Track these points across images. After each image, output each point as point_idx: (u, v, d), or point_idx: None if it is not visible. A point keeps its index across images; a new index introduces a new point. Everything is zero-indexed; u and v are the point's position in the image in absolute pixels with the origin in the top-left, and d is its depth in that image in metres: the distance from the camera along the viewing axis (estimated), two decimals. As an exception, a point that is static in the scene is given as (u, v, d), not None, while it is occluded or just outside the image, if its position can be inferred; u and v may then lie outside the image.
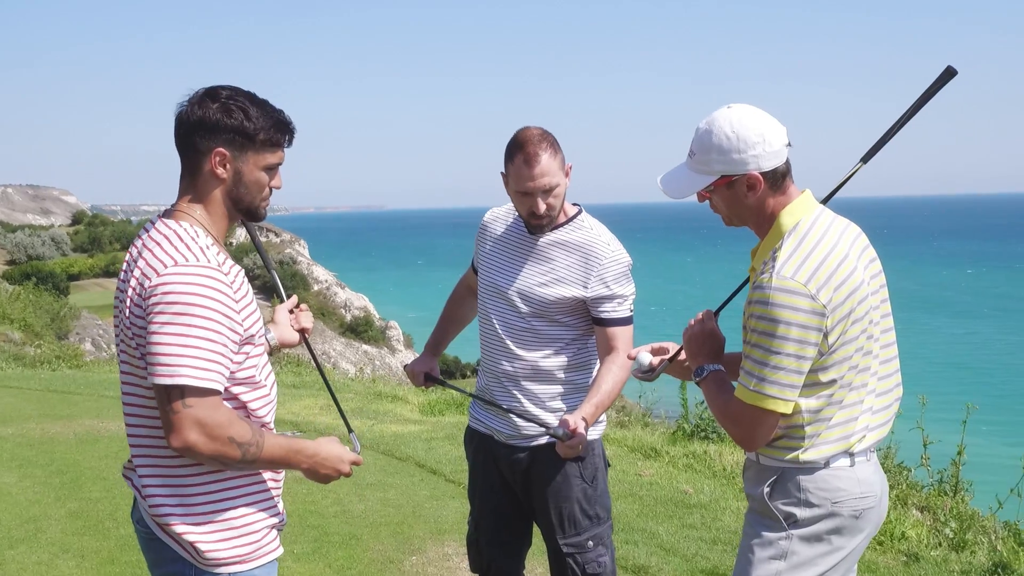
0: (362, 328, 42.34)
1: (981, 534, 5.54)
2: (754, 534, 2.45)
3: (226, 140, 2.18)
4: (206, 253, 2.12)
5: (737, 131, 2.28)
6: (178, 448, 2.06)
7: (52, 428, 8.10)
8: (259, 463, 2.16)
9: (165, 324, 2.03)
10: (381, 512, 5.82)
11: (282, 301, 2.81)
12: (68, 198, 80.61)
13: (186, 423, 2.03)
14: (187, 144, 2.20)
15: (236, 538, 2.21)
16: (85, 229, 59.63)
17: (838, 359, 2.28)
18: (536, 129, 3.09)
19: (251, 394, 2.23)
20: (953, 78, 2.54)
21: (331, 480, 2.32)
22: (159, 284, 2.05)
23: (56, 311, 25.30)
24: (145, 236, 2.19)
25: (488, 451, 3.33)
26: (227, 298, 2.09)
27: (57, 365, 13.71)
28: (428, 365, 3.51)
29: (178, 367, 2.02)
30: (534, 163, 3.02)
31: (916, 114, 2.57)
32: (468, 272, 3.61)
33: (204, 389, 2.04)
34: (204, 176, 2.21)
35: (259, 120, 2.19)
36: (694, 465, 7.09)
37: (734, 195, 2.36)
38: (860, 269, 2.31)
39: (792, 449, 2.36)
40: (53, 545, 5.14)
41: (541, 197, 3.06)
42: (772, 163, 2.31)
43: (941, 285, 64.39)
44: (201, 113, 2.16)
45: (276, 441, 2.18)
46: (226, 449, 2.08)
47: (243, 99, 2.20)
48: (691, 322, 2.59)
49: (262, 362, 2.27)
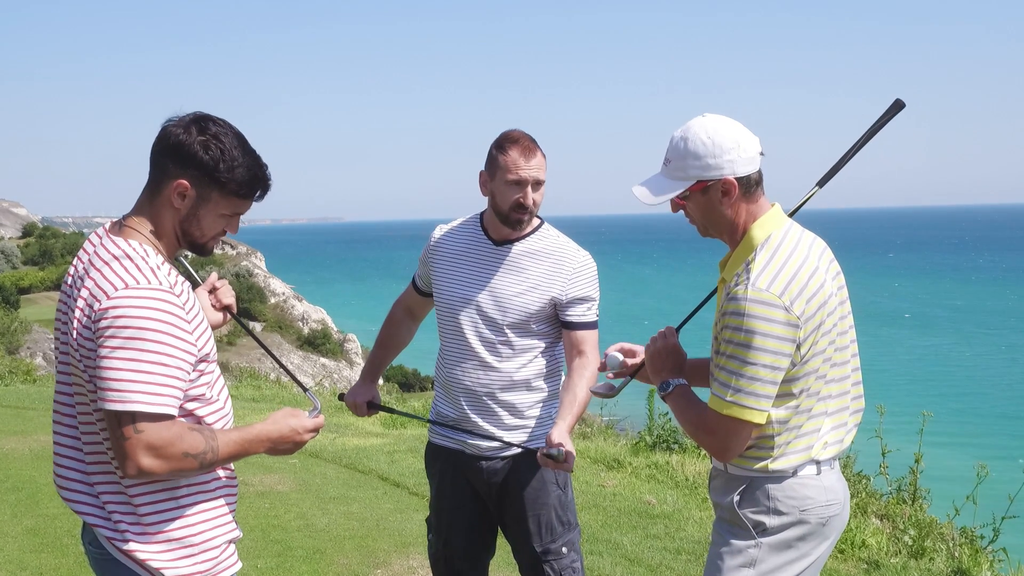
0: (320, 341, 42.03)
1: (939, 541, 5.64)
2: (723, 542, 2.48)
3: (193, 175, 2.13)
4: (157, 274, 2.07)
5: (713, 137, 2.33)
6: (132, 475, 2.03)
7: (6, 444, 7.95)
8: (217, 464, 2.14)
9: (116, 349, 1.99)
10: (345, 526, 5.78)
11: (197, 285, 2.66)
12: (18, 210, 79.22)
13: (138, 449, 2.00)
14: (158, 163, 2.16)
15: (195, 555, 2.18)
16: (36, 242, 58.68)
17: (808, 370, 2.33)
18: (524, 132, 3.18)
19: (205, 409, 2.20)
20: (901, 111, 2.68)
21: (295, 452, 2.32)
22: (110, 307, 2.00)
23: (7, 325, 24.85)
24: (92, 252, 2.13)
25: (456, 465, 3.31)
26: (180, 320, 2.05)
27: (10, 380, 13.45)
28: (369, 393, 3.47)
29: (130, 392, 1.98)
30: (531, 155, 3.11)
31: (867, 143, 2.68)
32: (407, 292, 3.56)
33: (156, 415, 2.01)
34: (162, 200, 2.16)
35: (235, 168, 2.14)
36: (657, 476, 7.14)
37: (709, 201, 2.40)
38: (829, 281, 2.37)
39: (761, 459, 2.40)
40: (11, 563, 5.05)
41: (531, 188, 3.12)
42: (746, 169, 2.36)
43: (894, 296, 65.37)
44: (182, 139, 2.12)
45: (229, 437, 2.15)
46: (182, 464, 2.06)
47: (228, 140, 2.14)
48: (653, 338, 2.63)
49: (214, 378, 2.24)
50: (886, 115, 2.69)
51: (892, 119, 2.69)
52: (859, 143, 2.67)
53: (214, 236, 2.23)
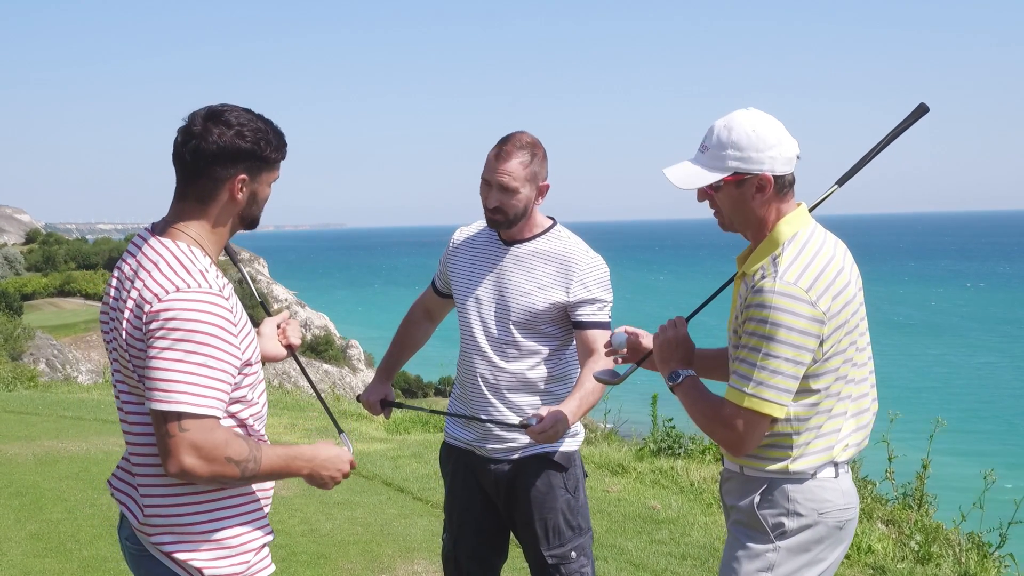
0: (323, 347, 42.11)
1: (946, 547, 5.61)
2: (739, 545, 2.45)
3: (246, 166, 2.18)
4: (206, 277, 2.10)
5: (758, 131, 2.32)
6: (174, 473, 2.04)
7: (10, 449, 7.93)
8: (259, 477, 2.14)
9: (165, 350, 2.01)
10: (349, 531, 5.77)
11: (268, 314, 2.78)
12: (22, 216, 79.48)
13: (182, 447, 2.01)
14: (201, 173, 2.16)
15: (232, 556, 2.20)
16: (39, 248, 58.85)
17: (829, 368, 2.31)
18: (529, 137, 3.15)
19: (246, 411, 2.22)
20: (925, 115, 2.66)
21: (334, 483, 2.30)
22: (161, 310, 2.03)
23: (10, 331, 24.90)
24: (139, 255, 2.16)
25: (468, 466, 3.31)
26: (228, 323, 2.08)
27: (13, 386, 13.46)
28: (383, 392, 3.46)
29: (176, 393, 2.00)
30: (504, 159, 3.08)
31: (889, 145, 2.65)
32: (426, 293, 3.58)
33: (202, 416, 2.03)
34: (219, 200, 2.19)
35: (270, 141, 2.21)
36: (661, 481, 7.11)
37: (741, 195, 2.37)
38: (853, 282, 2.36)
39: (779, 459, 2.38)
40: (14, 568, 5.03)
41: (497, 191, 3.10)
42: (784, 168, 2.35)
43: (902, 302, 65.28)
44: (220, 142, 2.14)
45: (273, 451, 2.17)
46: (224, 469, 2.06)
47: (252, 122, 2.19)
48: (663, 327, 2.61)
49: (256, 380, 2.26)
50: (909, 119, 2.66)
51: (915, 123, 2.67)
52: (881, 145, 2.64)
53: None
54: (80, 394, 12.31)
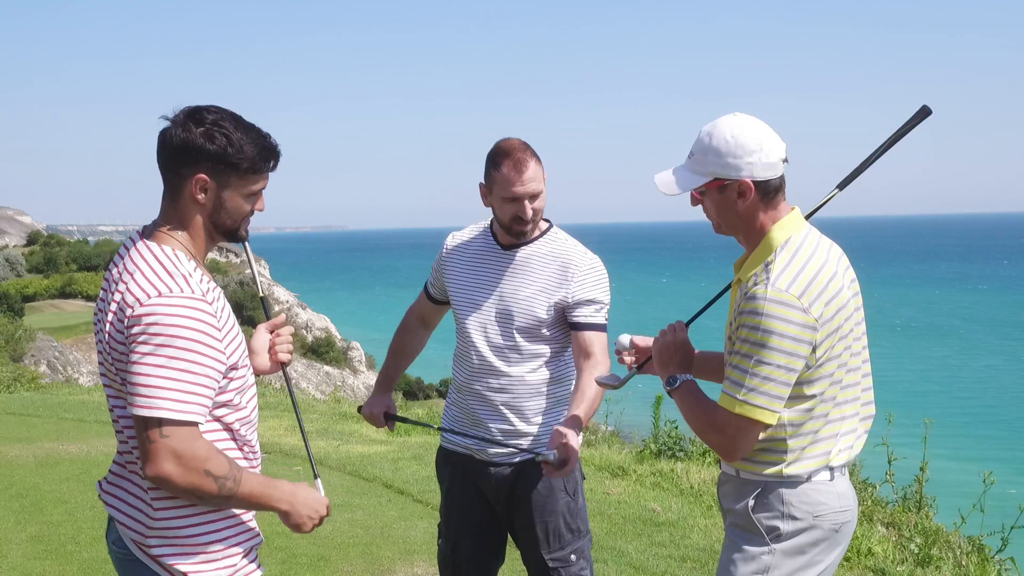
0: (323, 349, 42.08)
1: (946, 549, 5.61)
2: (735, 548, 2.46)
3: (208, 167, 2.14)
4: (189, 282, 2.09)
5: (736, 136, 2.32)
6: (152, 478, 2.03)
7: (11, 451, 7.95)
8: (235, 499, 2.12)
9: (146, 355, 2.00)
10: (349, 533, 5.77)
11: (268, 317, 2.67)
12: (23, 218, 79.42)
13: (162, 453, 2.00)
14: (169, 167, 2.16)
15: (218, 560, 2.19)
16: (40, 249, 58.85)
17: (823, 374, 2.32)
18: (517, 140, 3.15)
19: (233, 416, 2.20)
20: (927, 117, 2.64)
21: (309, 526, 2.26)
22: (143, 315, 2.01)
23: (11, 333, 24.91)
24: (127, 258, 2.15)
25: (466, 470, 3.31)
26: (212, 328, 2.06)
27: (15, 387, 13.46)
28: (385, 405, 3.45)
29: (157, 399, 1.99)
30: (523, 168, 3.07)
31: (891, 148, 2.64)
32: (419, 300, 3.57)
33: (182, 421, 2.02)
34: (185, 200, 2.17)
35: (243, 147, 2.15)
36: (662, 483, 7.11)
37: (724, 200, 2.39)
38: (846, 287, 2.36)
39: (774, 463, 2.38)
40: (14, 570, 5.04)
41: (528, 201, 3.10)
42: (766, 174, 2.34)
43: (902, 304, 65.22)
44: (184, 136, 2.12)
45: (254, 478, 2.15)
46: (201, 482, 2.04)
47: (228, 124, 2.14)
48: (663, 332, 2.61)
49: (245, 384, 2.24)
50: (912, 121, 2.65)
51: (917, 125, 2.65)
52: (882, 148, 2.63)
53: (243, 219, 2.25)
54: (81, 396, 12.32)
